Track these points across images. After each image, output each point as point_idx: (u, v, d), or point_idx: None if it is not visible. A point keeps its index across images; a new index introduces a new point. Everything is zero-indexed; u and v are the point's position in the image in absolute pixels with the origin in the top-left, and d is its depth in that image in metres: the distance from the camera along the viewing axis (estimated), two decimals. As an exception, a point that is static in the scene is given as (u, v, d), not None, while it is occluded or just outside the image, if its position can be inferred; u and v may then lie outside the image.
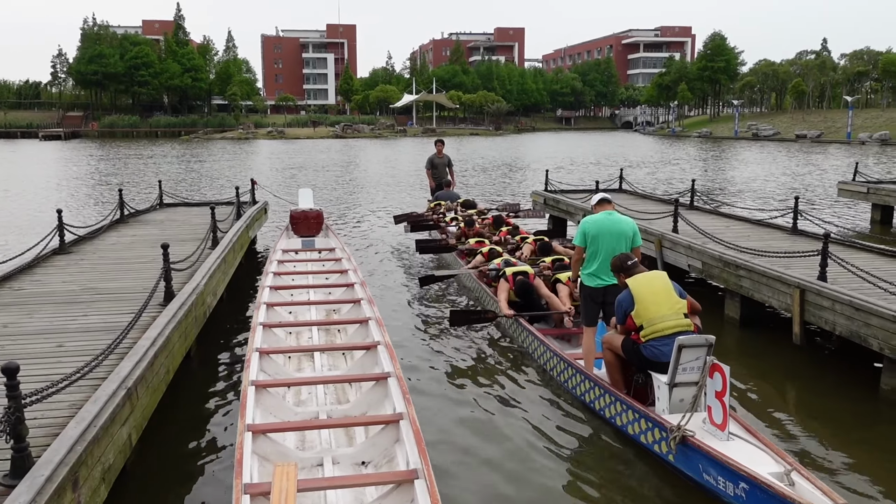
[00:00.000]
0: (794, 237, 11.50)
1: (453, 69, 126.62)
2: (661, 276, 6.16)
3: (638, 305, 5.99)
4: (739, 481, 4.89)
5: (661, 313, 5.93)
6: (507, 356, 8.53)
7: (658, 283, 6.08)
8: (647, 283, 6.06)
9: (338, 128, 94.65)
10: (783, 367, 8.20)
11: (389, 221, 18.79)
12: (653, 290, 6.01)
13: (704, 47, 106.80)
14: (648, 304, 5.97)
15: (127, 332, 5.84)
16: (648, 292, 6.01)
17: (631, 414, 6.13)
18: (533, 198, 18.10)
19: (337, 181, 31.32)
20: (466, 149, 61.23)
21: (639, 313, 6.00)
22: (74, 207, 22.21)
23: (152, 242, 11.08)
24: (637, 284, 6.07)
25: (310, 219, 14.04)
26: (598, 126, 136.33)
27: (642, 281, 6.08)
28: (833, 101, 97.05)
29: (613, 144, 71.60)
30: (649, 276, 6.11)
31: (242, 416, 5.42)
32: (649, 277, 6.10)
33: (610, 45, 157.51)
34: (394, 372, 6.49)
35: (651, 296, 5.99)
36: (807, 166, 41.02)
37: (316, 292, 10.74)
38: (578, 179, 29.83)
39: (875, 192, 18.67)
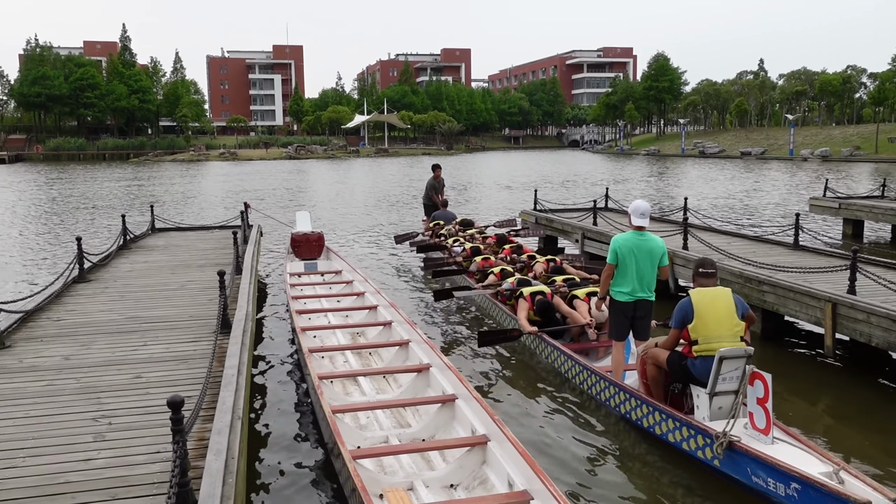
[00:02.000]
0: (797, 252, 11.94)
1: (403, 89, 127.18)
2: (726, 295, 6.20)
3: (697, 321, 6.12)
4: (791, 482, 5.09)
5: (720, 334, 6.05)
6: (532, 373, 8.68)
7: (722, 302, 6.14)
8: (710, 302, 6.14)
9: (290, 149, 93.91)
10: (815, 378, 8.50)
11: (385, 241, 18.82)
12: (715, 308, 6.11)
13: (649, 67, 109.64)
14: (708, 322, 6.10)
15: (213, 363, 5.78)
16: (711, 311, 6.11)
17: (671, 423, 6.33)
18: (522, 217, 18.32)
19: (318, 203, 31.07)
20: (420, 169, 61.51)
21: (696, 328, 6.13)
22: (45, 233, 21.61)
23: (170, 268, 10.93)
24: (701, 299, 6.15)
25: (311, 241, 13.98)
26: (546, 145, 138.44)
27: (707, 298, 6.16)
28: (773, 120, 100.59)
29: (568, 163, 72.73)
30: (714, 294, 6.18)
31: (341, 443, 5.40)
32: (714, 295, 6.17)
33: (554, 65, 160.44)
34: (466, 393, 6.53)
35: (713, 314, 6.10)
36: (763, 183, 42.39)
37: (335, 315, 10.71)
38: (555, 198, 30.24)
39: (846, 207, 19.43)
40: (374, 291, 10.75)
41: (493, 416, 5.87)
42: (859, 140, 74.18)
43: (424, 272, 14.18)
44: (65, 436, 4.80)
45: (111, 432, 4.84)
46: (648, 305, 7.33)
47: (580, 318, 8.99)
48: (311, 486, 5.90)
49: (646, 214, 7.33)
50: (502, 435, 5.61)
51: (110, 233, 21.10)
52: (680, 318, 6.24)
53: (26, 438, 4.75)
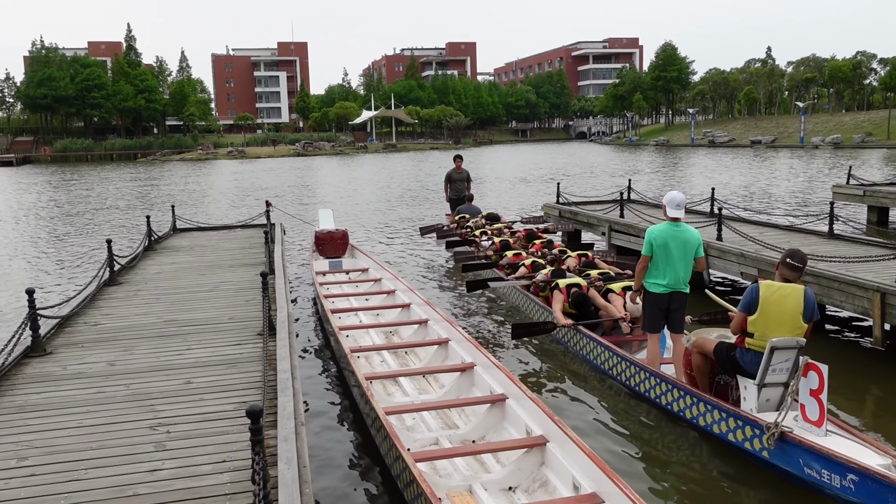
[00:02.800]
0: (833, 241, 11.74)
1: (409, 84, 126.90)
2: (797, 295, 5.90)
3: (759, 316, 5.94)
4: (847, 473, 4.96)
5: (779, 334, 5.86)
6: (567, 366, 8.61)
7: (790, 302, 5.88)
8: (778, 301, 5.89)
9: (298, 146, 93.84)
10: (863, 369, 8.32)
11: (409, 236, 18.67)
12: (781, 309, 5.88)
13: (657, 57, 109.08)
14: (770, 321, 5.91)
15: (267, 368, 5.64)
16: (776, 310, 5.89)
17: (717, 413, 6.23)
18: (545, 210, 18.13)
19: (335, 200, 30.91)
20: (430, 164, 61.35)
21: (756, 323, 5.96)
22: (70, 234, 21.54)
23: (199, 270, 10.80)
24: (769, 295, 5.91)
25: (336, 239, 13.84)
26: (554, 137, 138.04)
27: (776, 295, 5.90)
28: (782, 107, 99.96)
29: (579, 155, 72.46)
30: (785, 292, 5.90)
31: (401, 447, 5.27)
32: (785, 293, 5.89)
33: (560, 57, 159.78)
34: (517, 392, 6.38)
35: (777, 314, 5.89)
36: (779, 171, 42.07)
37: (367, 315, 10.58)
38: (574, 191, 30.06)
39: (871, 194, 19.21)
40: (405, 289, 10.61)
41: (551, 416, 5.73)
42: (871, 126, 73.66)
43: (455, 266, 14.05)
44: (125, 445, 4.66)
45: (171, 441, 4.71)
46: (683, 298, 7.24)
47: (615, 311, 8.89)
48: (371, 490, 5.77)
49: (681, 206, 7.23)
50: (563, 435, 5.46)
51: (130, 233, 21.06)
52: (745, 304, 6.07)
53: (85, 449, 4.62)
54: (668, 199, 7.28)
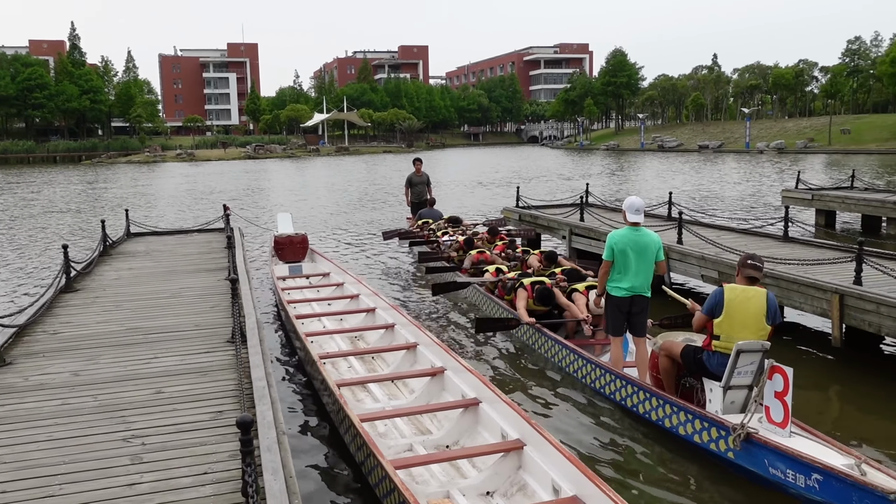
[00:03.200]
0: (789, 244, 12.03)
1: (362, 87, 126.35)
2: (760, 298, 6.05)
3: (724, 318, 6.06)
4: (812, 472, 5.09)
5: (744, 336, 5.98)
6: (529, 367, 8.69)
7: (754, 305, 6.02)
8: (742, 303, 6.02)
9: (249, 148, 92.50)
10: (823, 370, 8.54)
11: (370, 240, 18.56)
12: (745, 309, 6.01)
13: (607, 63, 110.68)
14: (735, 323, 6.03)
15: (242, 376, 5.53)
16: (740, 313, 6.01)
17: (683, 415, 6.33)
18: (504, 214, 18.20)
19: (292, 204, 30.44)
20: (385, 167, 61.17)
21: (721, 325, 6.08)
22: (17, 239, 20.83)
23: (159, 275, 10.55)
24: (733, 297, 6.03)
25: (295, 244, 13.69)
26: (506, 141, 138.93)
27: (740, 298, 6.04)
28: (728, 113, 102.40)
29: (532, 159, 73.06)
30: (748, 295, 6.04)
31: (380, 455, 5.22)
32: (748, 296, 6.04)
33: (512, 61, 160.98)
34: (491, 396, 6.37)
35: (741, 317, 6.02)
36: (728, 175, 43.05)
37: (330, 320, 10.47)
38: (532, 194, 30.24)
39: (819, 198, 19.78)
40: (369, 293, 10.53)
41: (528, 420, 5.73)
42: (812, 132, 75.94)
43: (419, 268, 14.03)
44: (99, 459, 4.50)
45: (148, 453, 4.56)
46: (644, 302, 7.35)
47: (577, 312, 8.98)
48: (349, 498, 5.69)
49: (640, 210, 7.35)
50: (541, 438, 5.47)
51: (82, 238, 20.47)
52: (709, 306, 6.20)
53: (57, 463, 4.45)
54: (627, 204, 7.41)
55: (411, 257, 15.73)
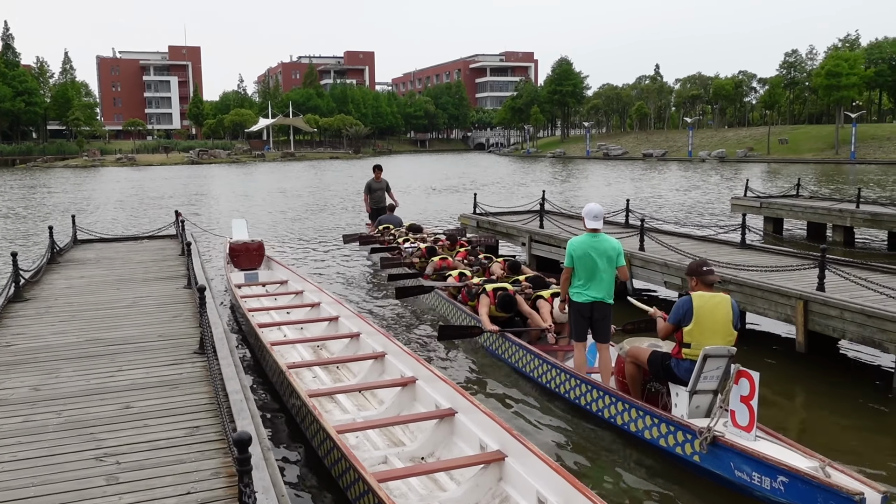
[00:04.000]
0: (747, 251, 12.24)
1: (308, 92, 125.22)
2: (726, 303, 6.18)
3: (695, 326, 6.11)
4: (777, 475, 5.17)
5: (714, 343, 6.05)
6: (492, 373, 8.67)
7: (721, 311, 6.13)
8: (711, 309, 6.11)
9: (193, 153, 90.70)
10: (788, 373, 8.67)
11: (328, 246, 18.28)
12: (714, 316, 6.10)
13: (553, 71, 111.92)
14: (705, 330, 6.10)
15: (220, 389, 5.30)
16: (710, 319, 6.10)
17: (649, 419, 6.37)
18: (462, 221, 18.14)
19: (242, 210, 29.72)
20: (333, 173, 60.58)
21: (692, 333, 6.13)
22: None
23: (113, 284, 10.14)
24: (702, 305, 6.12)
25: (251, 250, 13.38)
26: (452, 148, 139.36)
27: (709, 304, 6.13)
28: (670, 122, 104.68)
29: (481, 166, 73.37)
30: (715, 302, 6.15)
31: (361, 468, 5.07)
32: (715, 303, 6.15)
33: (458, 69, 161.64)
34: (467, 406, 6.25)
35: (711, 323, 6.10)
36: (678, 183, 43.89)
37: (291, 329, 10.23)
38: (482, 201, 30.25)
39: (767, 206, 20.28)
40: (331, 301, 10.31)
41: (508, 430, 5.65)
42: (752, 142, 78.13)
43: (381, 273, 13.86)
44: (71, 480, 4.22)
45: (123, 473, 4.30)
46: (606, 309, 7.39)
47: (540, 320, 8.95)
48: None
49: (599, 217, 7.41)
50: (523, 449, 5.40)
51: (22, 245, 19.65)
52: (677, 317, 6.24)
53: (26, 486, 4.16)
54: (585, 211, 7.46)
55: (371, 263, 15.54)
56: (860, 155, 65.24)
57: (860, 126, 68.18)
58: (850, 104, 71.79)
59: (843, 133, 69.46)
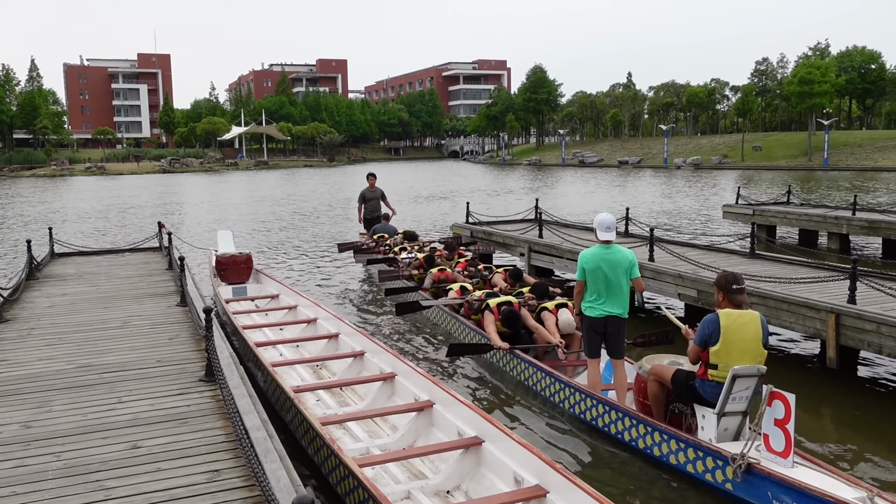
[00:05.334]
0: (758, 261, 11.89)
1: (280, 100, 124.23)
2: (756, 321, 5.81)
3: (722, 346, 5.74)
4: None
5: (743, 363, 5.70)
6: (503, 392, 8.31)
7: (751, 330, 5.76)
8: (740, 328, 5.74)
9: (164, 162, 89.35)
10: (820, 391, 8.28)
11: (316, 258, 17.71)
12: (744, 337, 5.73)
13: (527, 79, 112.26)
14: (732, 350, 5.73)
15: (244, 427, 4.73)
16: (739, 339, 5.73)
17: (675, 444, 6.03)
18: (454, 231, 17.65)
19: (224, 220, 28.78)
20: (310, 180, 59.84)
21: (719, 354, 5.76)
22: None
23: (100, 302, 9.48)
24: (730, 324, 5.74)
25: (239, 263, 12.76)
26: (427, 156, 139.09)
27: (737, 323, 5.75)
28: (644, 130, 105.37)
29: (460, 174, 73.07)
30: (745, 320, 5.77)
31: (377, 493, 4.73)
32: (745, 321, 5.77)
33: (431, 76, 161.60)
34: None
35: (740, 343, 5.73)
36: (660, 190, 43.85)
37: (288, 347, 9.66)
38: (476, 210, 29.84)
39: (760, 213, 20.07)
40: (329, 317, 9.76)
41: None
42: (726, 149, 78.80)
43: (378, 285, 13.35)
44: (81, 542, 3.65)
45: (142, 531, 3.73)
46: (620, 322, 7.05)
47: (547, 334, 8.58)
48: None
49: (612, 227, 7.09)
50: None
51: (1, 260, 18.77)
52: (703, 337, 5.84)
53: (29, 550, 3.58)
54: (597, 221, 7.15)
55: (367, 275, 15.01)
56: (833, 162, 66.04)
57: (832, 133, 69.03)
58: (822, 112, 72.69)
59: (815, 140, 70.27)
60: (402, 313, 10.63)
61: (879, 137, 71.25)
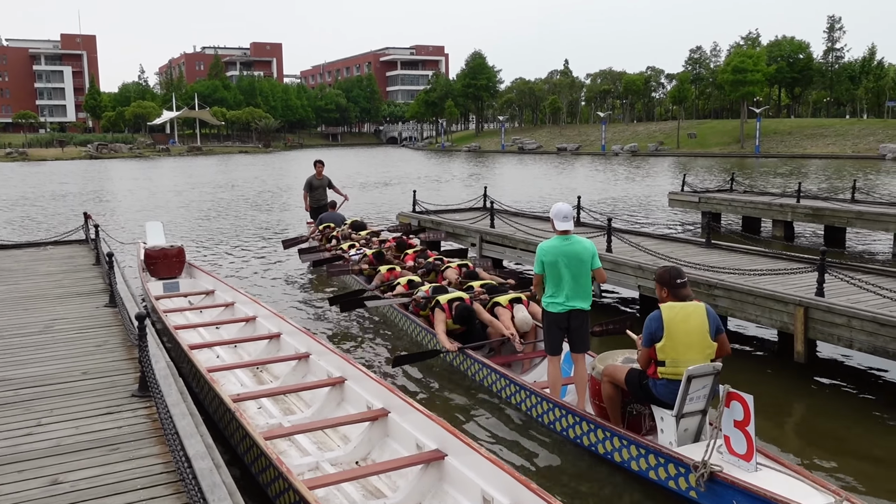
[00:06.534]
0: (715, 251, 11.66)
1: (214, 84, 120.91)
2: (700, 312, 5.57)
3: (666, 341, 5.49)
4: None
5: (689, 357, 5.47)
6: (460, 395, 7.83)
7: (695, 321, 5.53)
8: (683, 320, 5.50)
9: (91, 147, 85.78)
10: (786, 386, 8.02)
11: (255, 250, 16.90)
12: (687, 328, 5.50)
13: (466, 65, 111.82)
14: (678, 345, 5.49)
15: (185, 455, 4.08)
16: (682, 330, 5.49)
17: (635, 450, 5.75)
18: (400, 220, 17.05)
19: (154, 209, 27.34)
20: (249, 167, 58.19)
21: (665, 349, 5.50)
22: None
23: (17, 302, 8.58)
24: (672, 317, 5.50)
25: (170, 257, 11.92)
26: (365, 142, 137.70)
27: (679, 315, 5.51)
28: (581, 117, 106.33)
29: (398, 160, 72.28)
30: (688, 311, 5.54)
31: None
32: (687, 312, 5.54)
33: (368, 62, 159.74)
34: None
35: (684, 336, 5.49)
36: (595, 176, 44.00)
37: (225, 349, 8.97)
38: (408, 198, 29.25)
39: (706, 201, 20.06)
40: (270, 315, 9.09)
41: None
42: (662, 136, 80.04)
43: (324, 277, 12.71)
44: None
45: None
46: (583, 315, 6.70)
47: (502, 327, 8.22)
48: None
49: (569, 217, 6.70)
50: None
51: None
52: (650, 335, 5.57)
53: None
54: (554, 211, 6.73)
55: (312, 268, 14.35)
56: (764, 149, 67.71)
57: (763, 121, 70.71)
58: (753, 100, 74.39)
59: (747, 128, 71.89)
60: (345, 309, 10.08)
61: (808, 125, 73.35)
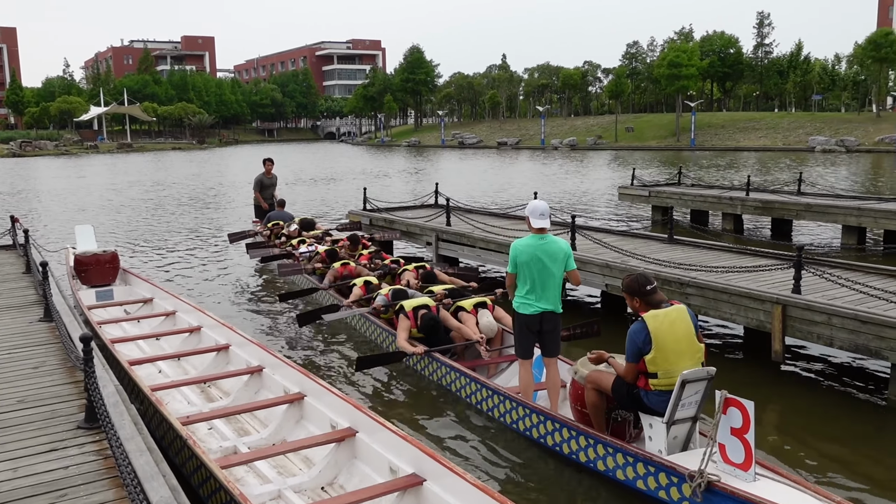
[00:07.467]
0: (678, 246, 11.48)
1: (144, 79, 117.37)
2: (683, 316, 5.31)
3: (656, 352, 5.20)
4: None
5: (682, 365, 5.21)
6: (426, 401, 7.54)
7: (681, 325, 5.26)
8: (669, 326, 5.22)
9: (14, 145, 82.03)
10: (765, 387, 7.82)
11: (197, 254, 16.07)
12: (675, 335, 5.22)
13: (405, 60, 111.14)
14: (669, 354, 5.21)
15: (133, 492, 3.51)
16: (671, 338, 5.21)
17: (622, 458, 5.49)
18: (351, 218, 16.45)
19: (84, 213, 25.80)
20: (186, 164, 56.39)
21: (656, 361, 5.21)
22: None
23: (-61, 319, 7.75)
24: (658, 325, 5.20)
25: (103, 263, 11.10)
26: (302, 137, 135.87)
27: (664, 322, 5.22)
28: (520, 111, 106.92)
29: (337, 156, 71.16)
30: (672, 318, 5.26)
31: None
32: (672, 319, 5.25)
33: (304, 56, 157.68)
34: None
35: (674, 343, 5.21)
36: (540, 170, 44.02)
37: (169, 364, 8.29)
38: (355, 195, 28.65)
39: (657, 195, 20.04)
40: (215, 324, 8.44)
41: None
42: (600, 130, 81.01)
43: (272, 281, 12.07)
44: None
45: None
46: (556, 318, 6.42)
47: (469, 332, 7.89)
48: None
49: (546, 215, 6.36)
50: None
51: None
52: (635, 349, 5.26)
53: None
54: (530, 208, 6.38)
55: (262, 270, 13.68)
56: (699, 142, 69.17)
57: (698, 115, 72.18)
58: (687, 94, 75.87)
59: (682, 121, 73.29)
60: (304, 324, 9.45)
61: (740, 119, 75.21)
